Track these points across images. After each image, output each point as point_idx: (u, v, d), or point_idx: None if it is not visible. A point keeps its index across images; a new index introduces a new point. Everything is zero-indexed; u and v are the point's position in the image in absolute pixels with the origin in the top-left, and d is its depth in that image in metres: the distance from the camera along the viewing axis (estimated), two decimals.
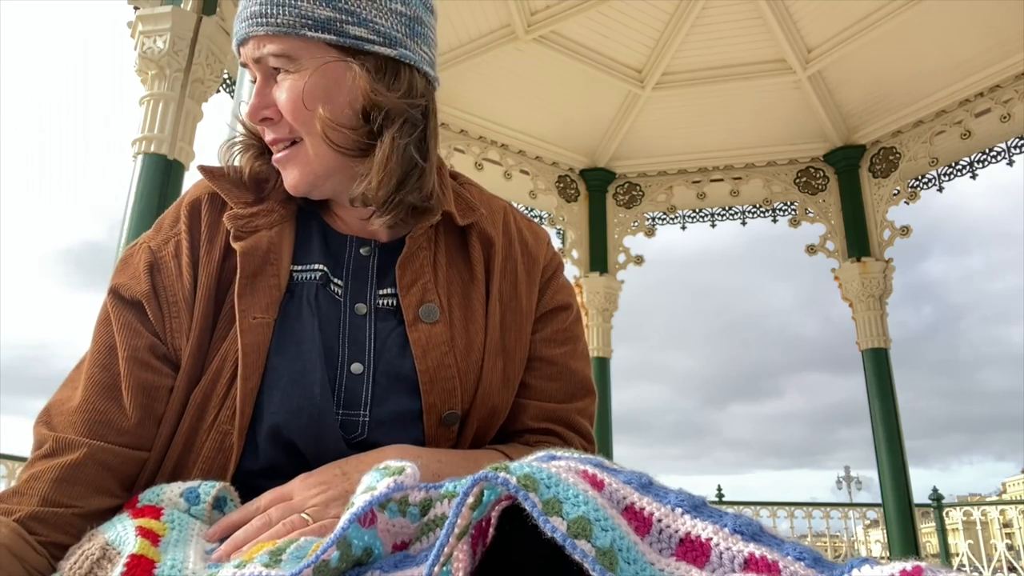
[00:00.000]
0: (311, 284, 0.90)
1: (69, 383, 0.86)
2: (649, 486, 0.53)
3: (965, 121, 5.43)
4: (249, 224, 0.90)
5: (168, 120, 3.69)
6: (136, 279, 0.88)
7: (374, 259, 0.94)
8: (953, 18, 4.96)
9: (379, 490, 0.56)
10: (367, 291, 0.91)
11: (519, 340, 0.95)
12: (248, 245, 0.88)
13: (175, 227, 0.92)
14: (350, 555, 0.57)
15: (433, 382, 0.86)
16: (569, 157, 6.45)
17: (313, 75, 0.87)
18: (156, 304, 0.87)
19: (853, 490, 31.72)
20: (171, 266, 0.89)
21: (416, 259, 0.92)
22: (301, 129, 0.89)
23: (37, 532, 0.75)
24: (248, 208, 0.92)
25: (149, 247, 0.91)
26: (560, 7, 5.30)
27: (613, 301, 6.33)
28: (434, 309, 0.89)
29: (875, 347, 5.63)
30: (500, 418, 0.93)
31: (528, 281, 0.99)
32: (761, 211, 6.49)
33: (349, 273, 0.92)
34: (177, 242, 0.90)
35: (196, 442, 0.82)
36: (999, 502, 13.86)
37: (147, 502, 0.77)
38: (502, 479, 0.47)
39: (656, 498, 0.51)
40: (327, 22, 0.87)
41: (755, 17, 5.32)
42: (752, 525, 0.49)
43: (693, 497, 0.52)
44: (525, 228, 1.04)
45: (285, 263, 0.90)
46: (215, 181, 0.94)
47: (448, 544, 0.48)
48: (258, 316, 0.84)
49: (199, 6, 3.91)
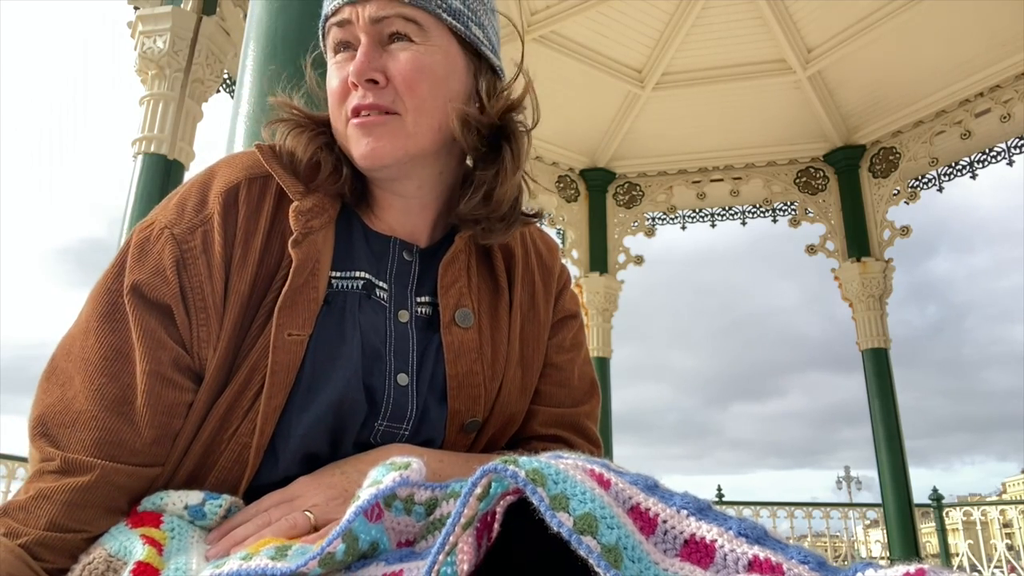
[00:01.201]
0: (353, 294, 0.84)
1: (56, 379, 0.77)
2: (655, 488, 0.53)
3: (965, 121, 5.43)
4: (308, 224, 0.82)
5: (168, 120, 3.69)
6: (162, 277, 0.78)
7: (415, 264, 0.90)
8: (953, 18, 4.95)
9: (385, 483, 0.56)
10: (408, 298, 0.88)
11: (536, 350, 0.96)
12: (303, 254, 0.80)
13: (202, 213, 0.81)
14: (356, 549, 0.57)
15: (461, 388, 0.85)
16: (569, 157, 6.45)
17: (439, 55, 0.84)
18: (184, 309, 0.78)
19: (853, 490, 31.73)
20: (199, 263, 0.79)
21: (457, 262, 0.90)
22: (410, 102, 0.83)
23: (43, 558, 0.70)
24: (305, 200, 0.83)
25: (172, 235, 0.80)
26: (560, 7, 5.30)
27: (613, 301, 6.33)
28: (469, 315, 0.88)
29: (875, 347, 5.63)
30: (514, 426, 0.93)
31: (545, 292, 0.99)
32: (761, 211, 6.49)
33: (392, 278, 0.88)
34: (205, 233, 0.80)
35: (214, 452, 0.78)
36: (999, 502, 13.87)
37: (148, 508, 0.75)
38: (511, 472, 0.48)
39: (662, 500, 0.52)
40: (458, 12, 0.86)
41: (755, 17, 5.32)
42: (756, 529, 0.49)
43: (698, 500, 0.52)
44: (539, 240, 1.04)
45: (325, 270, 0.83)
46: (274, 165, 0.85)
47: (454, 533, 0.48)
48: (294, 333, 0.79)
49: (199, 6, 3.91)
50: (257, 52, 1.82)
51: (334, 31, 0.86)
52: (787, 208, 6.39)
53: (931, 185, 5.86)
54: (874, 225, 5.89)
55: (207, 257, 0.80)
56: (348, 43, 0.85)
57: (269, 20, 1.82)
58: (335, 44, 0.86)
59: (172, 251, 0.79)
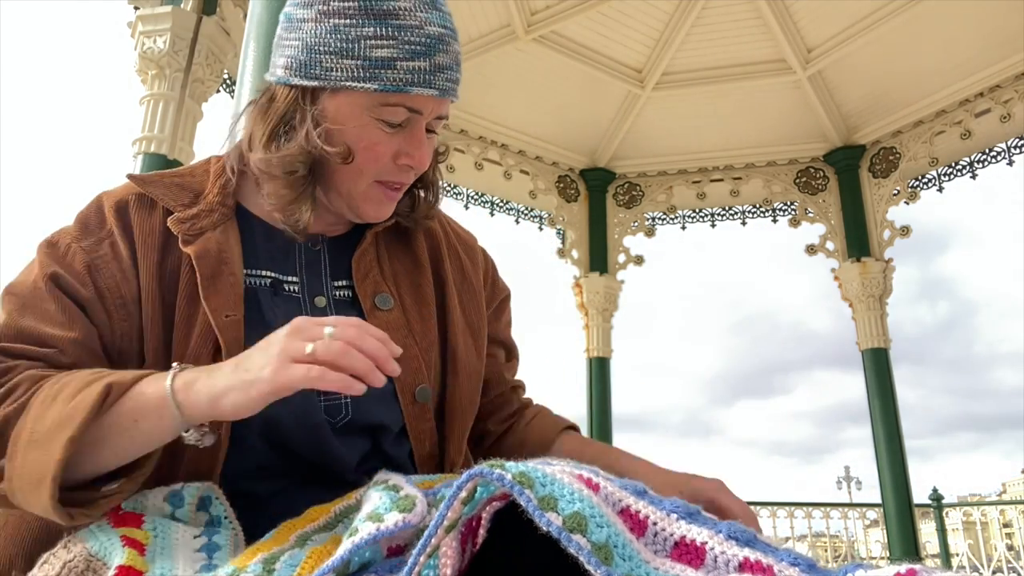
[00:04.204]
0: (264, 290, 0.90)
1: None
2: (644, 493, 0.53)
3: (965, 121, 5.42)
4: (194, 227, 0.89)
5: (168, 120, 3.69)
6: (79, 279, 0.85)
7: (325, 253, 0.97)
8: (953, 18, 4.95)
9: (386, 524, 0.55)
10: (323, 284, 0.95)
11: (479, 315, 1.06)
12: (199, 248, 0.87)
13: (104, 228, 0.89)
14: (347, 572, 0.56)
15: (399, 362, 0.88)
16: (569, 157, 6.45)
17: None
18: (102, 308, 0.84)
19: (854, 490, 31.71)
20: (112, 267, 0.86)
21: (367, 255, 0.98)
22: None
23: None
24: (188, 210, 0.91)
25: (81, 247, 0.87)
26: (560, 7, 5.29)
27: (613, 301, 6.33)
28: (388, 298, 0.96)
29: (875, 347, 5.63)
30: (479, 383, 1.02)
31: (472, 265, 1.10)
32: (761, 211, 6.48)
33: (302, 268, 0.94)
34: (112, 243, 0.87)
35: (179, 447, 0.78)
36: (999, 502, 13.86)
37: (128, 509, 0.75)
38: (497, 475, 0.48)
39: (651, 503, 0.52)
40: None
41: (755, 17, 5.32)
42: (746, 532, 0.49)
43: (688, 506, 0.52)
44: (455, 223, 1.17)
45: (238, 263, 0.89)
46: (149, 188, 0.92)
47: (436, 536, 0.48)
48: (229, 314, 0.84)
49: (199, 6, 3.91)
50: (257, 52, 1.82)
51: (403, 111, 0.89)
52: (787, 208, 6.39)
53: (931, 185, 5.85)
54: (874, 225, 5.88)
55: (118, 262, 0.86)
56: (406, 122, 0.90)
57: (269, 20, 1.82)
58: (396, 120, 0.90)
59: (83, 259, 0.86)
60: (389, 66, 0.86)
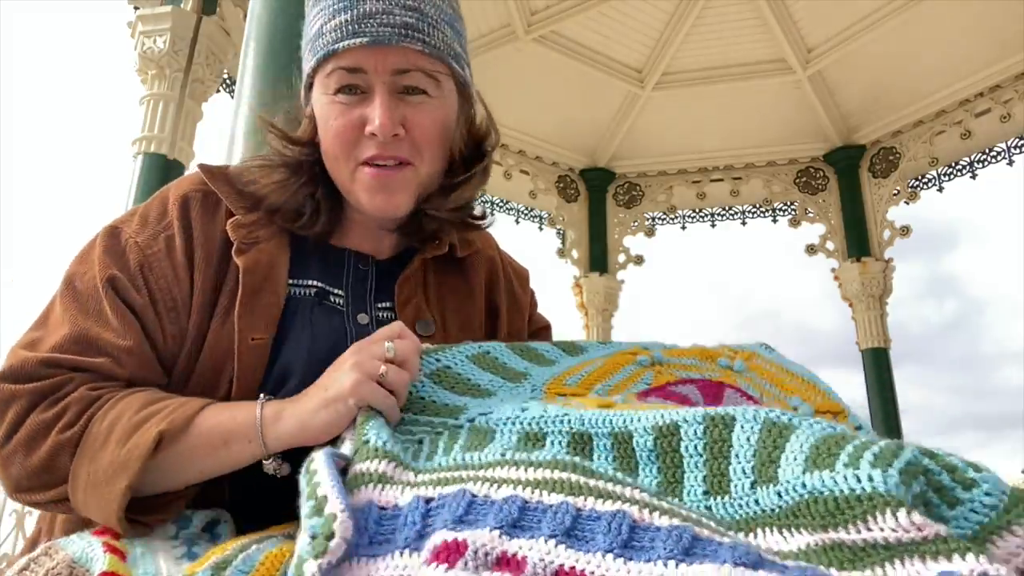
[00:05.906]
0: (305, 300, 0.89)
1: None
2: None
3: (965, 121, 5.42)
4: (251, 235, 0.86)
5: (168, 120, 3.69)
6: (134, 282, 0.82)
7: (372, 274, 0.96)
8: (953, 18, 4.95)
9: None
10: (367, 303, 0.93)
11: (522, 338, 1.09)
12: (251, 260, 0.85)
13: (163, 221, 0.86)
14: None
15: None
16: (569, 157, 6.45)
17: (449, 106, 0.88)
18: (154, 313, 0.82)
19: None
20: (164, 265, 0.84)
21: (412, 280, 0.95)
22: (426, 154, 0.87)
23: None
24: (248, 215, 0.88)
25: (137, 243, 0.84)
26: (560, 7, 5.29)
27: (613, 301, 6.32)
28: (429, 323, 0.94)
29: (875, 347, 5.62)
30: None
31: (522, 292, 1.12)
32: (761, 211, 6.48)
33: (348, 286, 0.93)
34: (168, 238, 0.85)
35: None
36: None
37: None
38: None
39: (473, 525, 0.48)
40: (458, 57, 0.89)
41: (755, 17, 5.32)
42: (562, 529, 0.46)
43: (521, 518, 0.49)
44: (508, 256, 1.16)
45: (282, 277, 0.87)
46: (217, 184, 0.89)
47: None
48: (256, 337, 0.83)
49: (199, 6, 3.91)
50: (257, 52, 1.81)
51: (339, 73, 0.84)
52: (787, 208, 6.39)
53: (931, 185, 5.85)
54: (874, 225, 5.88)
55: (171, 260, 0.84)
56: (355, 87, 0.85)
57: (269, 20, 1.82)
58: (339, 85, 0.85)
59: (136, 257, 0.83)
60: (319, 36, 0.85)
